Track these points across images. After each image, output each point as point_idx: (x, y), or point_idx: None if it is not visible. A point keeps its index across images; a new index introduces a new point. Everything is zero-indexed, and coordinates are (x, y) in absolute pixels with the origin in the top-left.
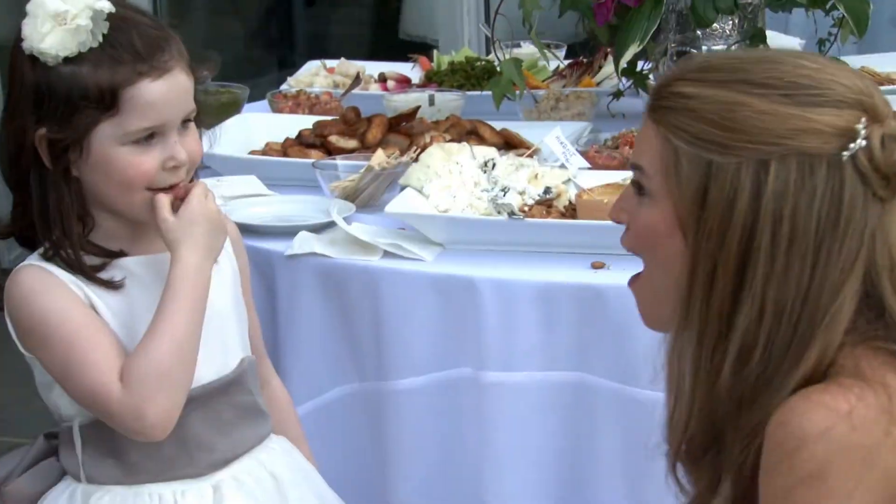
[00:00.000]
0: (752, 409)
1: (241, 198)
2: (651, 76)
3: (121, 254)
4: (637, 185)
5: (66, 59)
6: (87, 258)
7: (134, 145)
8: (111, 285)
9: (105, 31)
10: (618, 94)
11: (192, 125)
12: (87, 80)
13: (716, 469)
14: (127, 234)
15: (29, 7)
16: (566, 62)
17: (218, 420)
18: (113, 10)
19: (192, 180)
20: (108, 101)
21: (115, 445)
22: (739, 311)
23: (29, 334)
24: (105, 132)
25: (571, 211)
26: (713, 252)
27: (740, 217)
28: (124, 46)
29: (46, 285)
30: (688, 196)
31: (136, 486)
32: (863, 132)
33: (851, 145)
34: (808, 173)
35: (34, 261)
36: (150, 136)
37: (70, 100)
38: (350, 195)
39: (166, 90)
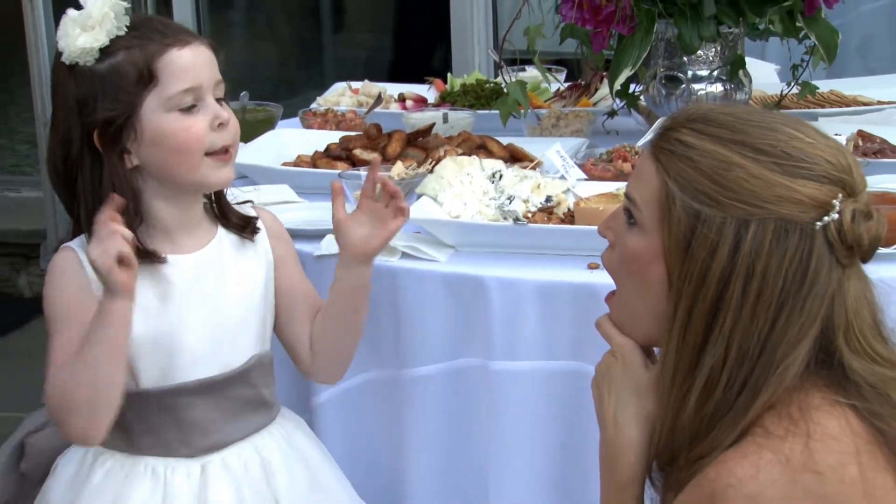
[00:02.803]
0: (702, 444)
1: (274, 204)
2: (642, 98)
3: (158, 257)
4: (628, 213)
5: (102, 55)
6: None
7: (180, 112)
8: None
9: (127, 24)
10: (612, 114)
11: (225, 104)
12: (124, 64)
13: (669, 484)
14: (174, 225)
15: (59, 29)
16: (566, 84)
17: (216, 409)
18: (128, 5)
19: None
20: (146, 75)
21: (122, 418)
22: (708, 349)
23: (44, 308)
24: (151, 105)
25: (570, 217)
26: (693, 293)
27: (718, 266)
28: (148, 29)
29: (68, 271)
30: (676, 237)
31: (135, 456)
32: (837, 206)
33: (826, 217)
34: (783, 237)
35: (74, 244)
36: (192, 107)
37: (113, 85)
38: None
39: (193, 56)
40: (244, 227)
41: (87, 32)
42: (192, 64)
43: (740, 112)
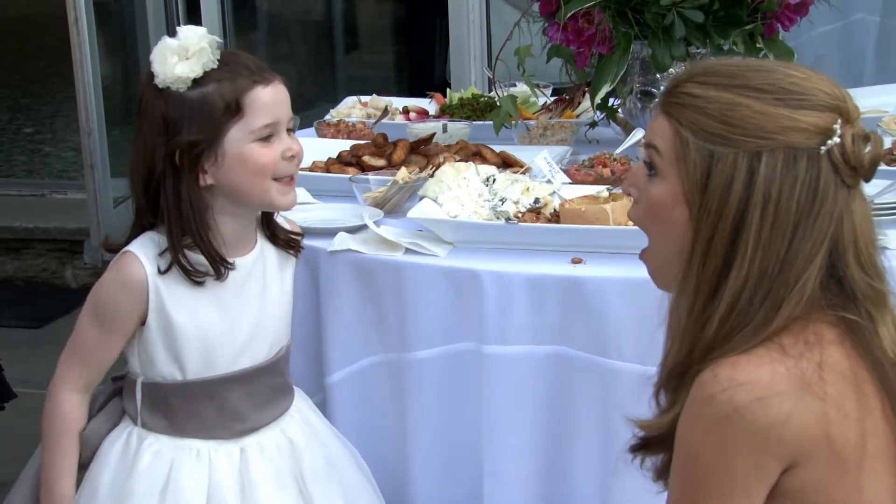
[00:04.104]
0: (717, 352)
1: None
2: (619, 111)
3: (224, 267)
4: (649, 165)
5: (193, 84)
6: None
7: (259, 142)
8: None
9: (219, 58)
10: (593, 124)
11: (293, 135)
12: (213, 95)
13: (678, 391)
14: (236, 237)
15: (153, 53)
16: (552, 98)
17: (252, 397)
18: (221, 41)
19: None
20: (233, 108)
21: (167, 405)
22: (730, 273)
23: (91, 295)
24: (235, 135)
25: (556, 217)
26: (712, 224)
27: (735, 197)
28: (238, 65)
29: (129, 283)
30: (694, 178)
31: (179, 438)
32: (838, 131)
33: (829, 142)
34: (792, 163)
35: (137, 249)
36: (269, 137)
37: (201, 113)
38: (379, 203)
39: (274, 94)
40: (289, 245)
41: (183, 62)
42: (273, 101)
43: (736, 62)
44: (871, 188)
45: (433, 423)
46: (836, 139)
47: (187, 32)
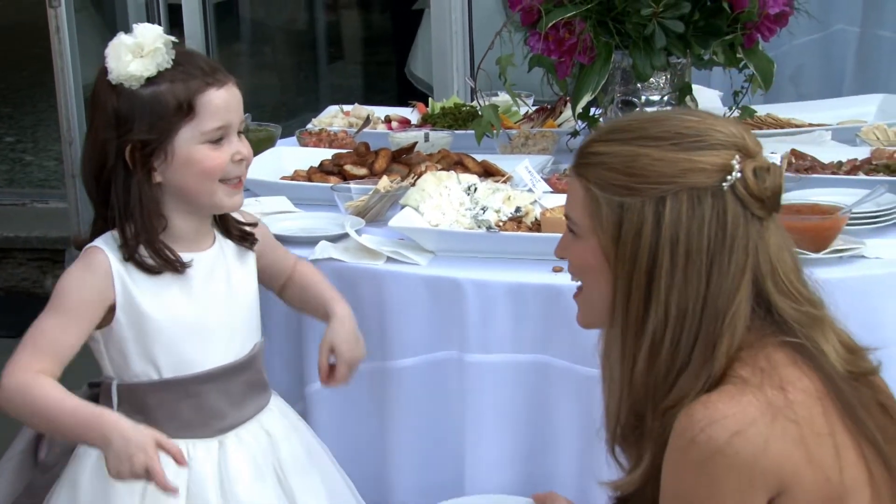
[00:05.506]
0: (669, 395)
1: (273, 214)
2: (601, 119)
3: (179, 263)
4: (570, 230)
5: (147, 82)
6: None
7: (209, 144)
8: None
9: (173, 57)
10: (574, 134)
11: (243, 136)
12: (166, 94)
13: (640, 446)
14: (191, 233)
15: (108, 49)
16: (534, 108)
17: (230, 395)
18: (176, 41)
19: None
20: (185, 108)
21: (144, 406)
22: (649, 316)
23: (56, 286)
24: (185, 135)
25: (537, 226)
26: (628, 272)
27: (646, 243)
28: (192, 66)
29: (96, 273)
30: (607, 231)
31: None
32: (737, 166)
33: (729, 177)
34: (697, 203)
35: (102, 244)
36: (219, 139)
37: (153, 112)
38: (361, 212)
39: (228, 97)
40: (244, 239)
41: (138, 60)
42: (226, 105)
43: (638, 115)
44: (850, 198)
45: (415, 432)
46: (737, 174)
47: (143, 30)
